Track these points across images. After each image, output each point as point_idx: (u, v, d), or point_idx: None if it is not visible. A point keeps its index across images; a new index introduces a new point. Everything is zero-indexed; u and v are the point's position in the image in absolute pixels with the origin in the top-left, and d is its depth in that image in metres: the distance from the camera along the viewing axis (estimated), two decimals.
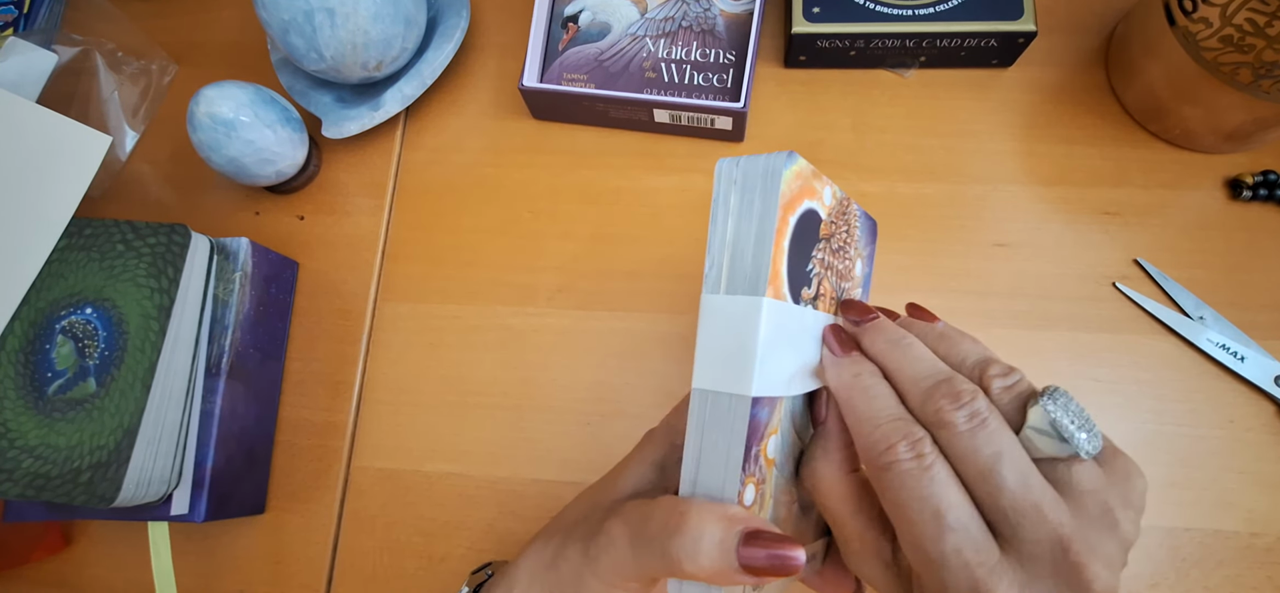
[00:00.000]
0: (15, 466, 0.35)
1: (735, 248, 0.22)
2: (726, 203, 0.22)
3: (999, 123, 0.43)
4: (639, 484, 0.26)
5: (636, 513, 0.22)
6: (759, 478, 0.22)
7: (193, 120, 0.42)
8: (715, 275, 0.22)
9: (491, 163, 0.48)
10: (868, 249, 0.29)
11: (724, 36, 0.46)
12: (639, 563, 0.22)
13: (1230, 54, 0.35)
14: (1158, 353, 0.39)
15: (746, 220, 0.22)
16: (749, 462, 0.21)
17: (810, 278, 0.24)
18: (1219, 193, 0.40)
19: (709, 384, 0.22)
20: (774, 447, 0.23)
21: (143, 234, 0.39)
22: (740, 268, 0.22)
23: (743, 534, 0.20)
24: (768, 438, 0.22)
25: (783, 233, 0.21)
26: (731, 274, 0.22)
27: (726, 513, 0.20)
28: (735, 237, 0.22)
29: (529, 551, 0.27)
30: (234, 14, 0.54)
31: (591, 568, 0.23)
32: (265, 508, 0.43)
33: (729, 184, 0.22)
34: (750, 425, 0.21)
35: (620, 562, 0.22)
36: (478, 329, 0.44)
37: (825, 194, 0.24)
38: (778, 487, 0.23)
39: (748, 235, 0.22)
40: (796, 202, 0.22)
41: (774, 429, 0.22)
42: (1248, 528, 0.36)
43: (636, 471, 0.27)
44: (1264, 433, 0.37)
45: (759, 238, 0.21)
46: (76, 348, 0.37)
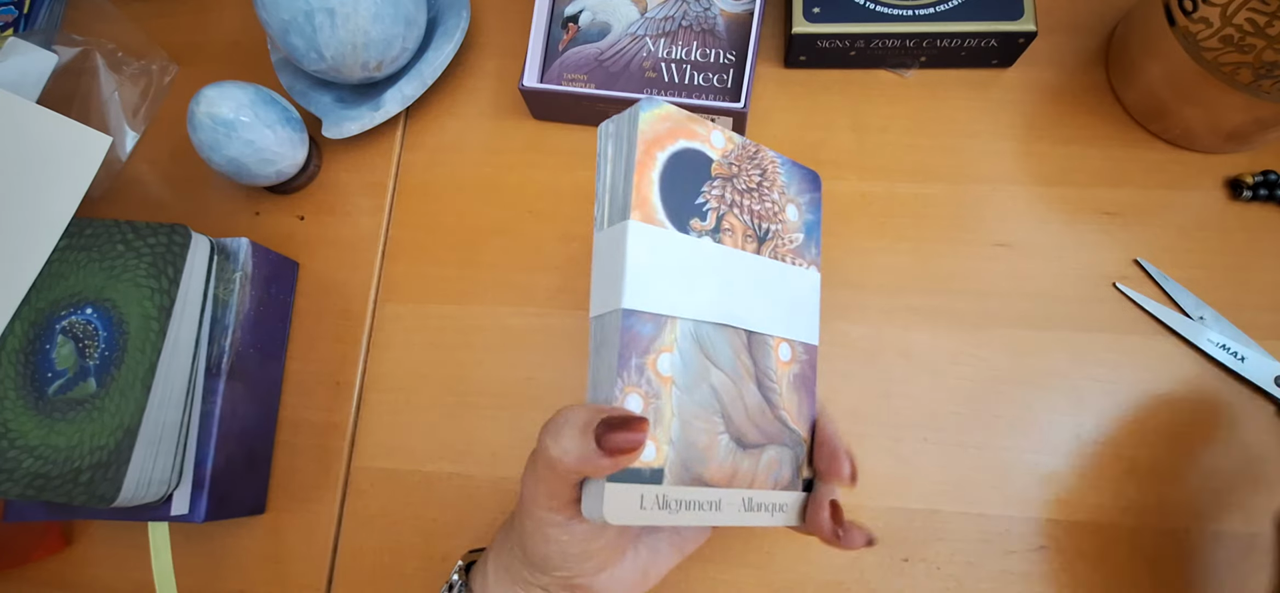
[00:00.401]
0: (15, 465, 0.35)
1: (611, 187, 0.25)
2: (605, 154, 0.26)
3: (999, 123, 0.43)
4: None
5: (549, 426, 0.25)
6: (648, 392, 0.24)
7: (193, 120, 0.42)
8: (599, 215, 0.25)
9: (491, 163, 0.48)
10: (804, 197, 0.32)
11: (724, 36, 0.46)
12: (536, 477, 0.24)
13: (1230, 54, 0.35)
14: (1158, 353, 0.39)
15: (617, 161, 0.25)
16: (628, 371, 0.23)
17: (704, 211, 0.27)
18: (1219, 193, 0.41)
19: (598, 309, 0.25)
20: (669, 365, 0.25)
21: (143, 234, 0.39)
22: (614, 203, 0.25)
23: (601, 421, 0.22)
24: (657, 354, 0.24)
25: (645, 165, 0.25)
26: (609, 210, 0.25)
27: (583, 408, 0.23)
28: (611, 178, 0.25)
29: (501, 527, 0.31)
30: (234, 14, 0.54)
31: (521, 507, 0.26)
32: (265, 508, 0.43)
33: (606, 138, 0.26)
34: (628, 336, 0.23)
35: (531, 488, 0.25)
36: (478, 329, 0.44)
37: (713, 137, 0.27)
38: (685, 409, 0.25)
39: (619, 173, 0.25)
40: (666, 140, 0.25)
41: (666, 347, 0.25)
42: (1247, 528, 0.36)
43: None
44: (1264, 433, 0.37)
45: (626, 170, 0.24)
46: (77, 348, 0.37)
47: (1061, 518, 0.37)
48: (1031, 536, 0.37)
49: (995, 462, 0.38)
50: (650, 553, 0.29)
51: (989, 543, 0.37)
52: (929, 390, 0.39)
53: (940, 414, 0.39)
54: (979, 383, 0.39)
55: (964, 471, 0.38)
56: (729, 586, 0.38)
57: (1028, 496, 0.37)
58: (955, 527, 0.37)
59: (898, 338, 0.40)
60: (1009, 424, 0.38)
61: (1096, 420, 0.38)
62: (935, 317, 0.40)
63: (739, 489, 0.26)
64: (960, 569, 0.37)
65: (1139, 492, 0.37)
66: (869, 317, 0.41)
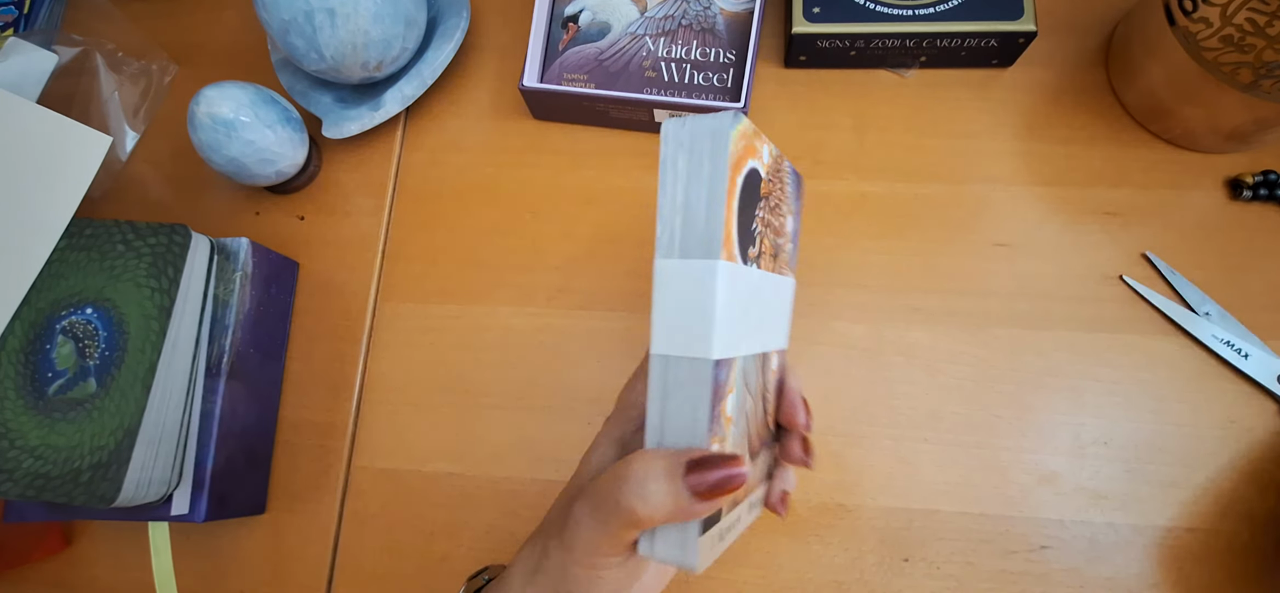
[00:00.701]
0: (15, 466, 0.35)
1: (687, 211, 0.22)
2: (675, 166, 0.22)
3: (999, 123, 0.43)
4: (603, 464, 0.27)
5: (594, 486, 0.23)
6: (720, 437, 0.22)
7: (193, 120, 0.42)
8: (667, 240, 0.22)
9: (491, 163, 0.48)
10: (796, 204, 0.30)
11: (724, 36, 0.46)
12: (605, 530, 0.22)
13: (1230, 54, 0.35)
14: (1158, 352, 0.39)
15: (696, 183, 0.22)
16: (714, 421, 0.22)
17: (754, 237, 0.24)
18: (1219, 193, 0.40)
19: (669, 349, 0.22)
20: (732, 405, 0.23)
21: (143, 234, 0.39)
22: (693, 231, 0.22)
23: (686, 464, 0.21)
24: (726, 397, 0.23)
25: (732, 194, 0.22)
26: (685, 238, 0.22)
27: (660, 456, 0.21)
28: (686, 200, 0.22)
29: (518, 558, 0.27)
30: (234, 14, 0.54)
31: (570, 556, 0.24)
32: (265, 508, 0.43)
33: (677, 147, 0.22)
34: (715, 387, 0.21)
35: (590, 537, 0.23)
36: (478, 329, 0.44)
37: (764, 153, 0.25)
38: (735, 443, 0.24)
39: (699, 198, 0.22)
40: (742, 161, 0.23)
41: (731, 388, 0.23)
42: (1248, 528, 0.36)
43: (600, 452, 0.27)
44: (1265, 433, 0.37)
45: (711, 200, 0.21)
46: (77, 348, 0.37)
47: (1062, 518, 0.37)
48: (1031, 535, 0.37)
49: (995, 462, 0.38)
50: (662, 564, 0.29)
51: (989, 543, 0.37)
52: (929, 390, 0.39)
53: (940, 414, 0.39)
54: (979, 383, 0.39)
55: (964, 471, 0.38)
56: (729, 585, 0.38)
57: (1028, 495, 0.37)
58: (955, 527, 0.37)
59: (898, 338, 0.40)
60: (1009, 424, 0.38)
61: (1096, 420, 0.38)
62: (935, 316, 0.40)
63: (749, 496, 0.27)
64: (960, 569, 0.37)
65: (1139, 492, 0.37)
66: (869, 316, 0.41)
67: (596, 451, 0.28)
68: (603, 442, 0.28)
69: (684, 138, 0.22)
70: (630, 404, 0.28)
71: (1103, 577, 0.36)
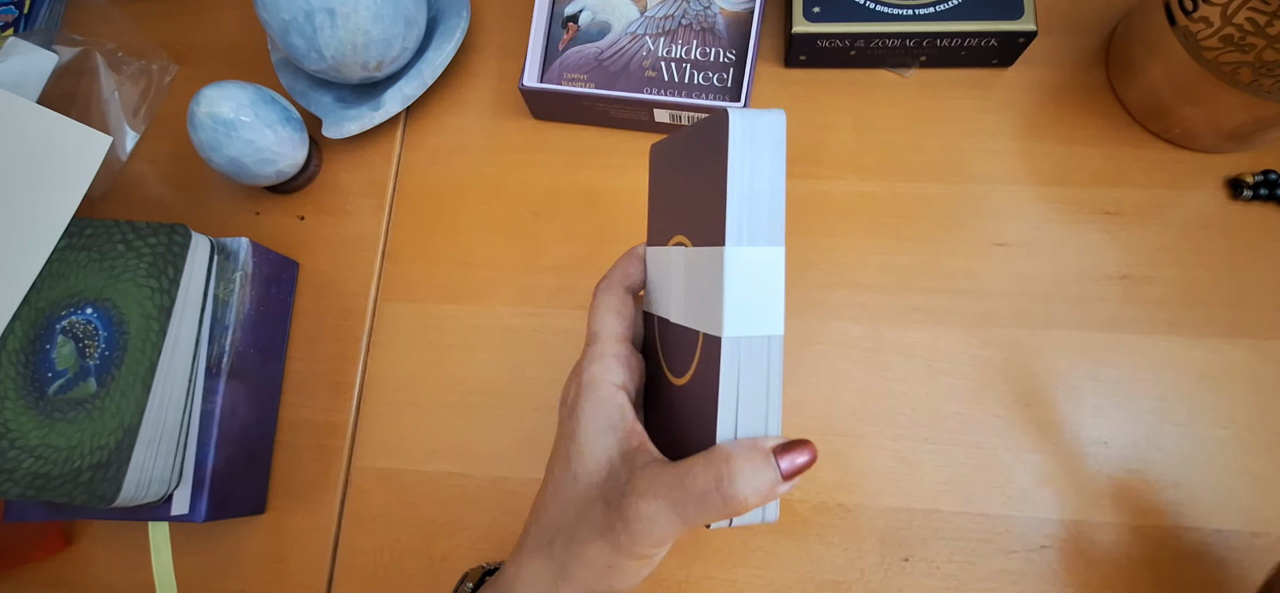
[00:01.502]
0: (16, 466, 0.35)
1: (750, 200, 0.23)
2: (743, 155, 0.23)
3: (999, 123, 0.43)
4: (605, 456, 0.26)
5: (665, 483, 0.23)
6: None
7: (193, 120, 0.42)
8: (737, 229, 0.23)
9: (491, 163, 0.48)
10: None
11: (724, 35, 0.46)
12: (688, 522, 0.23)
13: (1231, 53, 0.35)
14: (1158, 352, 0.39)
15: (757, 171, 0.23)
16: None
17: None
18: (1220, 192, 0.40)
19: (742, 331, 0.23)
20: None
21: (143, 234, 0.39)
22: (759, 219, 0.23)
23: (775, 450, 0.22)
24: None
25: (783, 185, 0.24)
26: (752, 226, 0.23)
27: (757, 445, 0.23)
28: (752, 190, 0.23)
29: (523, 575, 0.26)
30: (234, 14, 0.54)
31: (627, 552, 0.24)
32: (266, 508, 0.43)
33: (740, 137, 0.23)
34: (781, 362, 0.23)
35: (666, 530, 0.23)
36: (478, 329, 0.44)
37: None
38: None
39: (762, 188, 0.23)
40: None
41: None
42: (1249, 528, 0.36)
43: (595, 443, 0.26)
44: (1265, 432, 0.37)
45: (772, 190, 0.23)
46: (77, 348, 0.37)
47: (1062, 518, 0.37)
48: (1032, 535, 0.37)
49: (995, 462, 0.38)
50: None
51: (989, 543, 0.37)
52: (929, 390, 0.39)
53: (940, 414, 0.39)
54: (979, 383, 0.39)
55: (964, 470, 0.38)
56: (729, 585, 0.38)
57: (1028, 495, 0.37)
58: (955, 526, 0.37)
59: (898, 337, 0.40)
60: (1009, 424, 0.38)
61: (1096, 420, 0.38)
62: (935, 316, 0.40)
63: None
64: (960, 569, 0.37)
65: (1139, 492, 0.37)
66: (869, 316, 0.41)
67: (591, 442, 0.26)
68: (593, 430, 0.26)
69: (745, 129, 0.23)
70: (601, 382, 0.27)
71: (1103, 577, 0.36)
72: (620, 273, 0.29)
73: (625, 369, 0.27)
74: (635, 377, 0.28)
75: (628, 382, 0.27)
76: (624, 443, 0.26)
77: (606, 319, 0.28)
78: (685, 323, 0.26)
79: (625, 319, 0.28)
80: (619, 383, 0.27)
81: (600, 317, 0.28)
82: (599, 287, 0.29)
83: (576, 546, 0.25)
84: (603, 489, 0.25)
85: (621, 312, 0.28)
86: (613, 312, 0.28)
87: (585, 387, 0.27)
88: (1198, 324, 0.39)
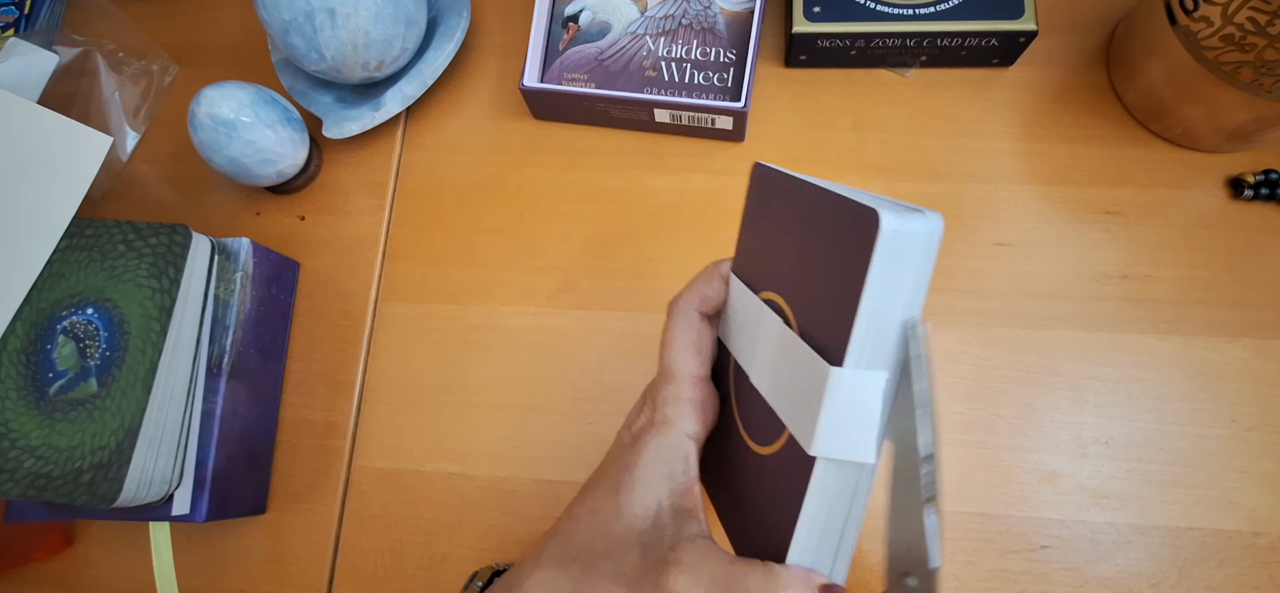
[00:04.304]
0: (17, 466, 0.35)
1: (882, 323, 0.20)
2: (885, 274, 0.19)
3: (1000, 122, 0.43)
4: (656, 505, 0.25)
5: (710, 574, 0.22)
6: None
7: (194, 121, 0.42)
8: (858, 351, 0.20)
9: (492, 163, 0.48)
10: None
11: (724, 35, 0.46)
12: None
13: (1231, 53, 0.35)
14: (1159, 352, 0.39)
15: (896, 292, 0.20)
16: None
17: None
18: (1220, 192, 0.40)
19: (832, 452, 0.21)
20: None
21: (144, 234, 0.39)
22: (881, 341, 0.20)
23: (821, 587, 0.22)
24: None
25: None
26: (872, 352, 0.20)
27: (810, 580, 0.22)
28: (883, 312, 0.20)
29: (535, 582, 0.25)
30: (235, 14, 0.54)
31: None
32: (266, 508, 0.43)
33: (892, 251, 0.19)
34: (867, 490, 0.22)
35: None
36: (478, 329, 0.44)
37: None
38: None
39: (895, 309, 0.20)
40: None
41: None
42: (1249, 527, 0.36)
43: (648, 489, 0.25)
44: (1266, 432, 0.37)
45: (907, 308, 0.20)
46: (78, 348, 0.37)
47: (1062, 517, 0.37)
48: (1032, 535, 0.37)
49: (995, 461, 0.38)
50: None
51: (989, 542, 0.37)
52: None
53: (941, 413, 0.39)
54: (980, 382, 0.39)
55: (965, 470, 0.38)
56: None
57: (1028, 495, 0.37)
58: (956, 526, 0.37)
59: None
60: (1009, 424, 0.38)
61: (1097, 419, 0.38)
62: (935, 316, 0.40)
63: None
64: (961, 569, 0.37)
65: (1140, 491, 0.37)
66: None
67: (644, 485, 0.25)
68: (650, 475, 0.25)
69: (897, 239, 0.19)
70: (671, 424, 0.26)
71: (1103, 576, 0.36)
72: (699, 294, 0.27)
73: (700, 416, 0.26)
74: (708, 423, 0.27)
75: (700, 432, 0.26)
76: (679, 498, 0.25)
77: (683, 357, 0.26)
78: (771, 403, 0.23)
79: (704, 356, 0.27)
80: (691, 434, 0.26)
81: (677, 353, 0.26)
82: (675, 306, 0.27)
83: (599, 580, 0.24)
84: (642, 537, 0.24)
85: (701, 348, 0.27)
86: (691, 348, 0.26)
87: (657, 424, 0.26)
88: (1198, 324, 0.39)
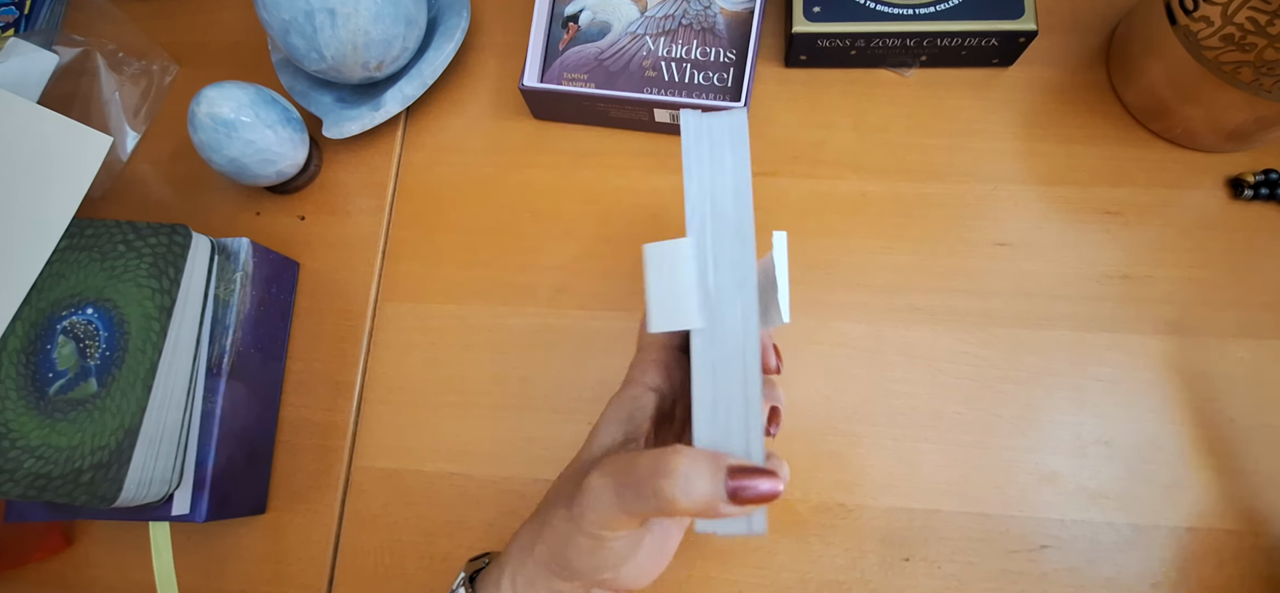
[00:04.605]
0: (17, 466, 0.35)
1: (715, 195, 0.23)
2: (698, 154, 0.24)
3: (1000, 122, 0.43)
4: (610, 443, 0.28)
5: (617, 465, 0.24)
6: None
7: (194, 121, 0.42)
8: (698, 222, 0.23)
9: (492, 163, 0.48)
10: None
11: (724, 35, 0.46)
12: (625, 509, 0.23)
13: (1231, 53, 0.35)
14: (1158, 352, 0.39)
15: (719, 167, 0.24)
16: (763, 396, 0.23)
17: None
18: (1220, 192, 0.40)
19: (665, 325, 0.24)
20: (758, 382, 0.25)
21: (144, 234, 0.39)
22: (722, 213, 0.23)
23: (729, 469, 0.22)
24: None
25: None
26: (716, 219, 0.23)
27: (715, 458, 0.23)
28: (713, 184, 0.23)
29: (515, 536, 0.29)
30: (235, 14, 0.54)
31: (577, 525, 0.25)
32: (266, 508, 0.43)
33: (698, 137, 0.24)
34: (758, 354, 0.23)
35: (606, 513, 0.24)
36: (478, 329, 0.44)
37: None
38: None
39: (726, 183, 0.23)
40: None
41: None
42: (1249, 528, 0.36)
43: (608, 430, 0.28)
44: (1266, 432, 0.37)
45: (737, 185, 0.23)
46: (78, 348, 0.37)
47: (1063, 517, 0.37)
48: (1032, 535, 0.37)
49: (995, 461, 0.38)
50: (662, 533, 0.30)
51: (989, 543, 0.37)
52: (929, 390, 0.39)
53: (940, 414, 0.39)
54: (979, 383, 0.39)
55: (964, 470, 0.38)
56: (729, 585, 0.38)
57: (1028, 495, 0.37)
58: (956, 526, 0.37)
59: (898, 337, 0.40)
60: (1009, 424, 0.38)
61: (1097, 419, 0.38)
62: (935, 316, 0.40)
63: None
64: (960, 569, 0.37)
65: (1140, 491, 0.37)
66: (869, 316, 0.41)
67: (604, 428, 0.28)
68: (611, 419, 0.28)
69: (704, 130, 0.24)
70: (636, 381, 0.29)
71: (1104, 577, 0.36)
72: None
73: (662, 373, 0.29)
74: (672, 381, 0.29)
75: (662, 384, 0.28)
76: (629, 439, 0.27)
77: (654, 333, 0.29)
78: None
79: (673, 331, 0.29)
80: (652, 385, 0.28)
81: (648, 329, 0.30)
82: None
83: (553, 511, 0.26)
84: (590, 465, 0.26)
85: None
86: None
87: (625, 385, 0.29)
88: (1198, 324, 0.39)
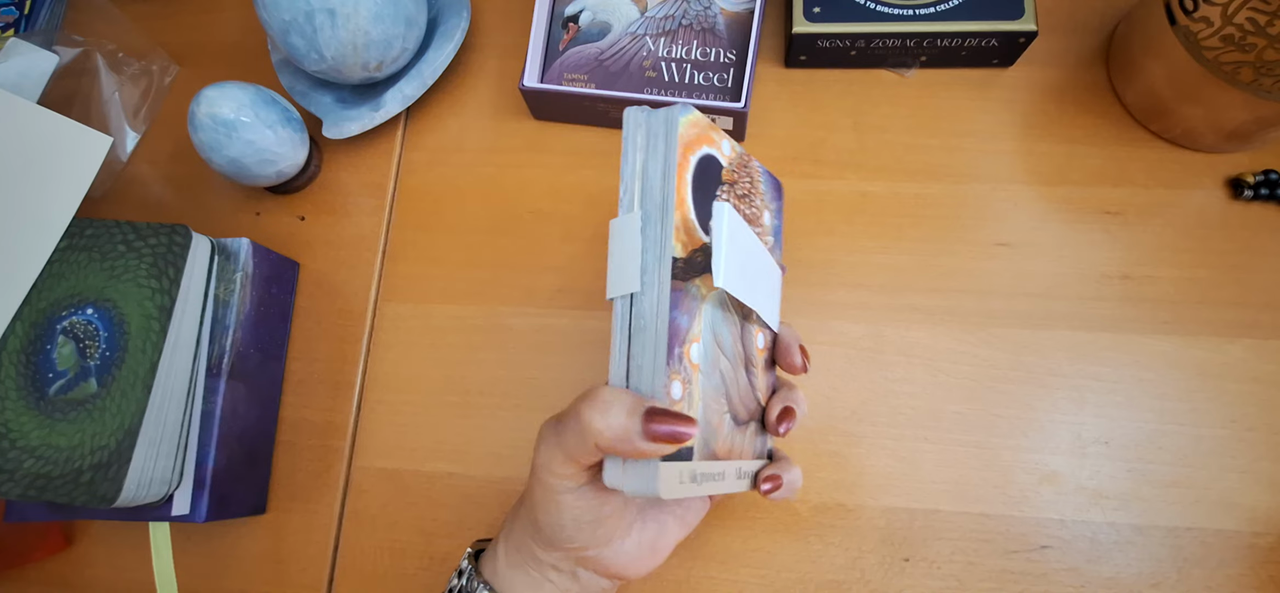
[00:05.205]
0: (16, 466, 0.35)
1: (644, 178, 0.26)
2: (634, 142, 0.26)
3: (1000, 122, 0.43)
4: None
5: (567, 409, 0.26)
6: (685, 378, 0.26)
7: (194, 121, 0.42)
8: (627, 201, 0.26)
9: (492, 163, 0.48)
10: (775, 204, 0.34)
11: (724, 36, 0.46)
12: (561, 444, 0.26)
13: (1231, 53, 0.35)
14: (1159, 352, 0.39)
15: (652, 157, 0.26)
16: (673, 360, 0.25)
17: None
18: (1220, 192, 0.40)
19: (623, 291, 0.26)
20: (697, 353, 0.26)
21: (144, 235, 0.39)
22: (650, 196, 0.26)
23: (647, 409, 0.24)
24: (690, 343, 0.26)
25: (682, 167, 0.26)
26: (643, 200, 0.26)
27: (635, 397, 0.24)
28: (644, 169, 0.26)
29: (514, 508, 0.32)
30: (234, 15, 0.54)
31: (534, 476, 0.27)
32: (266, 508, 0.43)
33: (635, 127, 0.26)
34: (672, 328, 0.25)
35: (550, 452, 0.26)
36: (478, 329, 0.44)
37: (723, 146, 0.29)
38: (705, 393, 0.27)
39: (656, 170, 0.26)
40: (695, 145, 0.27)
41: (696, 337, 0.26)
42: (1250, 528, 0.36)
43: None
44: (1266, 432, 0.37)
45: (665, 171, 0.26)
46: (77, 348, 0.37)
47: (1062, 517, 0.37)
48: (1032, 535, 0.37)
49: (995, 461, 0.38)
50: (657, 528, 0.31)
51: (990, 543, 0.37)
52: (929, 390, 0.39)
53: (940, 414, 0.39)
54: (979, 383, 0.39)
55: (964, 470, 0.38)
56: (729, 585, 0.38)
57: (1028, 495, 0.37)
58: (956, 526, 0.37)
59: (898, 337, 0.40)
60: (1009, 424, 0.38)
61: (1097, 420, 0.38)
62: (936, 316, 0.40)
63: (735, 461, 0.29)
64: (960, 569, 0.37)
65: (1140, 491, 0.37)
66: (869, 316, 0.41)
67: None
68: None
69: (642, 120, 0.26)
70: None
71: (1104, 577, 0.36)
72: None
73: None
74: None
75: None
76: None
77: None
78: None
79: None
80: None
81: None
82: None
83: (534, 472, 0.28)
84: None
85: None
86: None
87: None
88: (1198, 324, 0.39)
